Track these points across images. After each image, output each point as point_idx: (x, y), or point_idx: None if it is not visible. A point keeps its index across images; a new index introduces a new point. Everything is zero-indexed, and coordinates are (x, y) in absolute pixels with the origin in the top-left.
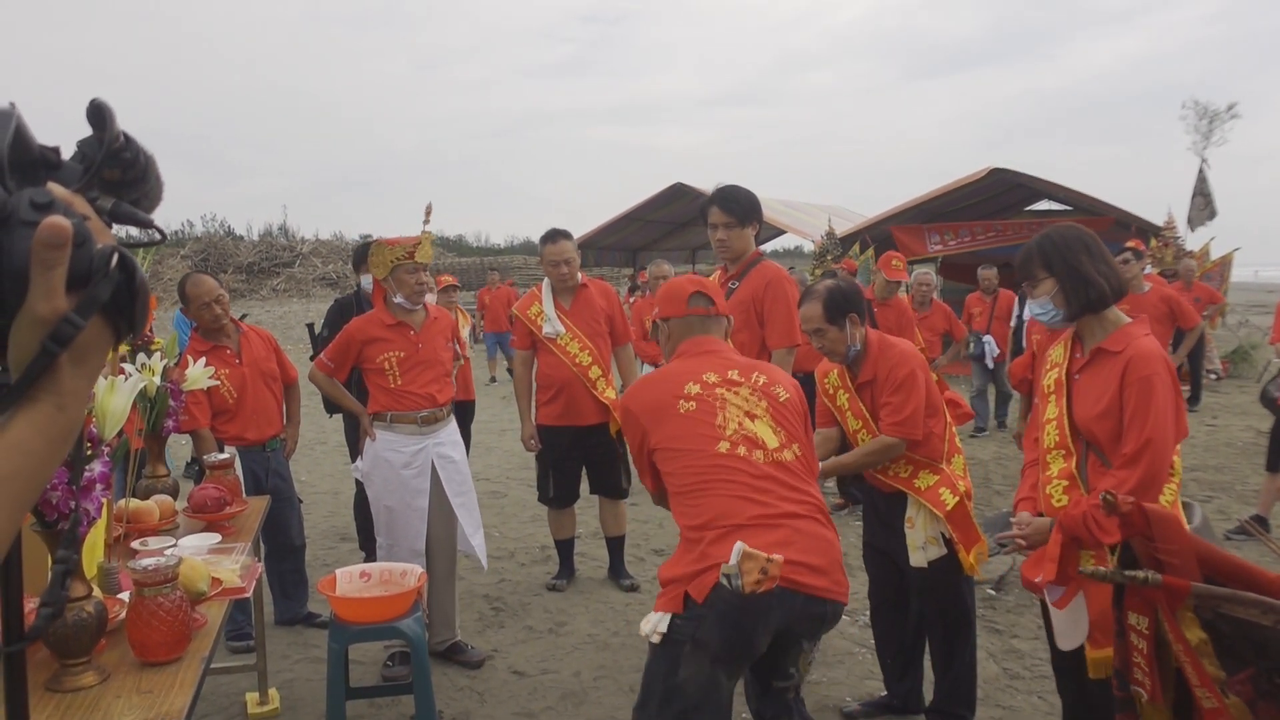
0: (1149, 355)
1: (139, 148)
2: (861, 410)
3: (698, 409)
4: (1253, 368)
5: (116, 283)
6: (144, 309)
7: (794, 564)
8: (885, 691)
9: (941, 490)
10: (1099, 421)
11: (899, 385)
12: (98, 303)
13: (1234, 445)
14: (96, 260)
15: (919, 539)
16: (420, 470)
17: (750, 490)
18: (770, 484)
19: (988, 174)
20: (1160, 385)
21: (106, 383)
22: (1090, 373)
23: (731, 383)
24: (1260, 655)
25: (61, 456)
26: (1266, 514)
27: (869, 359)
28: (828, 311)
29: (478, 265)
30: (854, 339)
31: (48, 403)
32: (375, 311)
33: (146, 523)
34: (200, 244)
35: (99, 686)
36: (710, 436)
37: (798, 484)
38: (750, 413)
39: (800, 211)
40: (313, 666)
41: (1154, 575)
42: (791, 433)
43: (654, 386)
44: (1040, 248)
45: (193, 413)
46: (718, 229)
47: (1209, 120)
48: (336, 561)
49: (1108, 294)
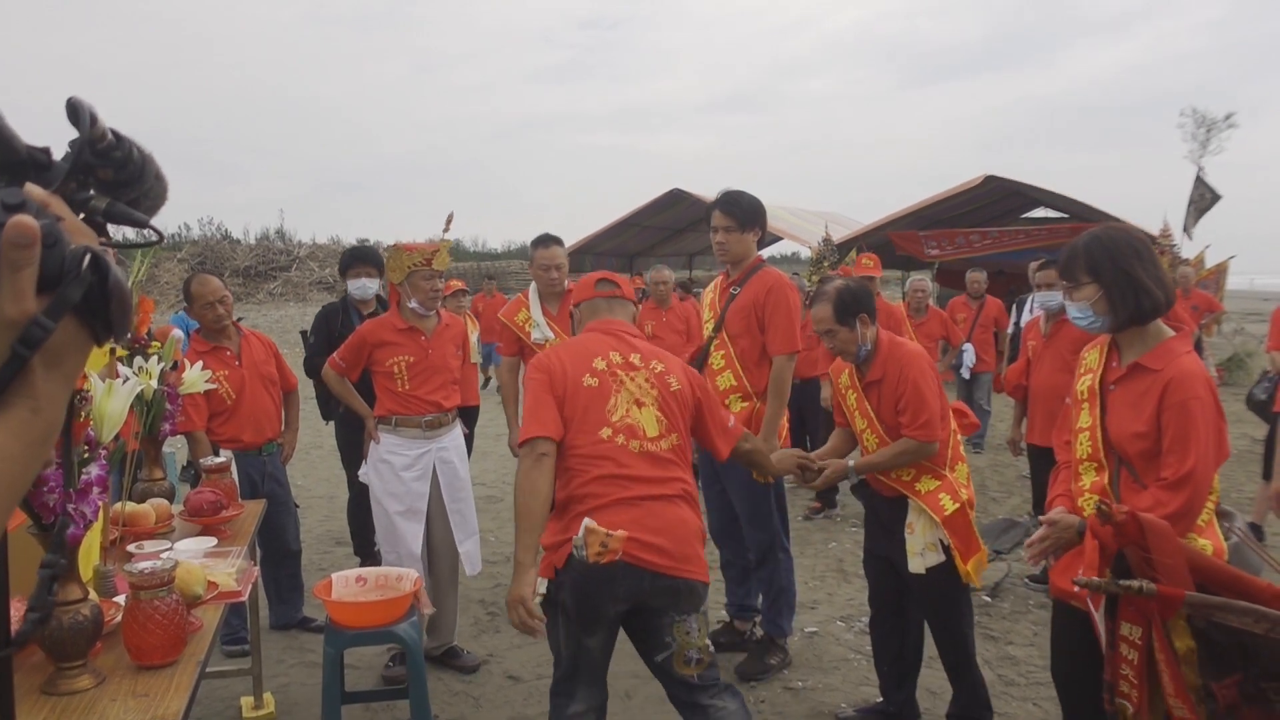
0: (1191, 376)
1: (131, 146)
2: (868, 410)
3: (598, 386)
4: (1248, 376)
5: (89, 284)
6: (121, 311)
7: (637, 541)
8: (881, 698)
9: (942, 496)
10: (1134, 441)
11: (912, 388)
12: (68, 304)
13: (1229, 453)
14: (68, 261)
15: (918, 545)
16: (422, 474)
17: (618, 474)
18: (639, 470)
19: (983, 181)
20: (1201, 409)
21: (104, 386)
22: (1127, 387)
23: (631, 366)
24: (1250, 662)
25: (41, 460)
26: (1261, 521)
27: (878, 359)
28: (838, 312)
29: (475, 270)
30: (865, 338)
31: (22, 407)
32: (388, 315)
33: (143, 526)
34: (197, 247)
35: (95, 690)
36: (598, 420)
37: (665, 470)
38: (639, 400)
39: (797, 218)
40: (308, 671)
41: (1149, 585)
42: (673, 422)
43: (570, 351)
44: (1088, 249)
45: (189, 414)
46: (718, 232)
47: (1206, 129)
48: (332, 566)
49: (1161, 305)
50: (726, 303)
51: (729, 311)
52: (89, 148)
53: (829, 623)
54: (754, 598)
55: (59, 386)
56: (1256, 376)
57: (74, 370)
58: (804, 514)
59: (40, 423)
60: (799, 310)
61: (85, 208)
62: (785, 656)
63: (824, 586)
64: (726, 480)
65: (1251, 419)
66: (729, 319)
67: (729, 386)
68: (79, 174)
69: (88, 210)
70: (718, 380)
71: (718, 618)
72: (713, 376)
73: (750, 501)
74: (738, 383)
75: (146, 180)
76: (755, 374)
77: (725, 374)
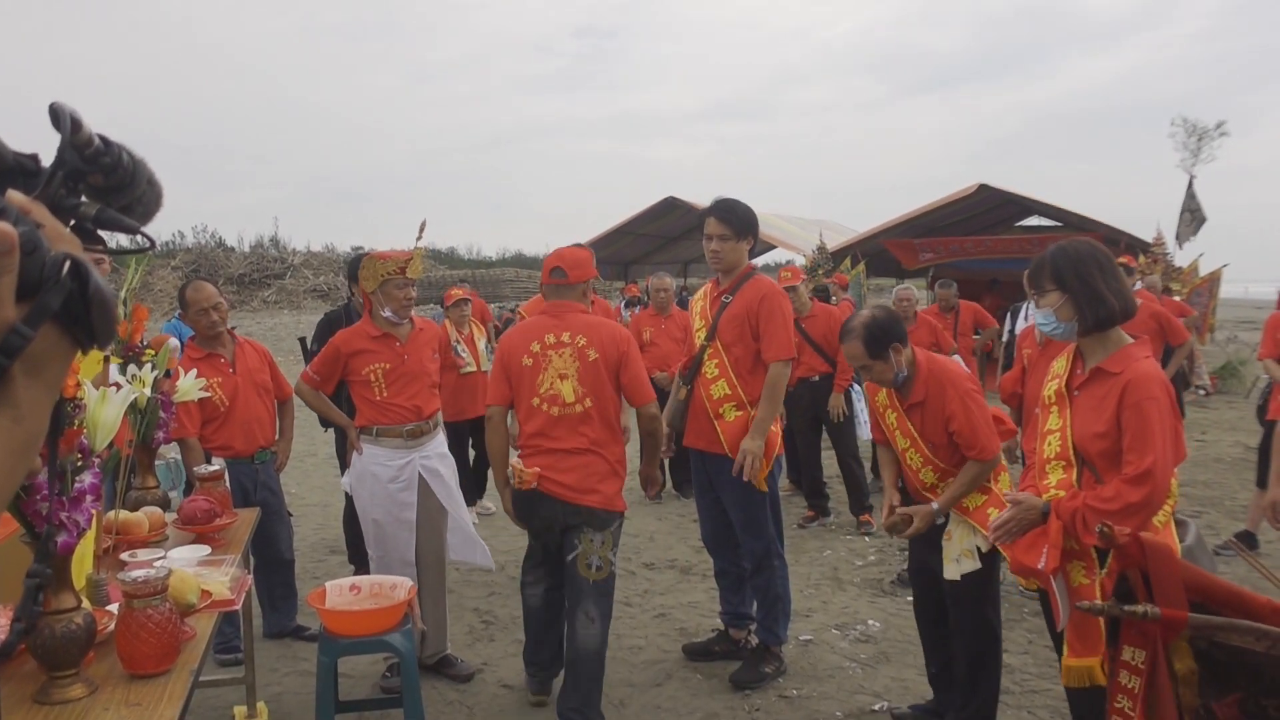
0: (1147, 378)
1: (120, 151)
2: (910, 430)
3: (532, 365)
4: (1241, 383)
5: (69, 291)
6: (103, 317)
7: (548, 478)
8: (931, 696)
9: (990, 510)
10: (1095, 441)
11: (962, 412)
12: (47, 312)
13: (1223, 461)
14: (48, 268)
15: (954, 551)
16: (407, 484)
17: (541, 431)
18: (556, 430)
19: (977, 190)
20: (1156, 410)
21: (98, 394)
22: (1089, 391)
23: (561, 344)
24: (1252, 681)
25: (24, 469)
26: (1255, 529)
27: (918, 381)
28: (869, 347)
29: (469, 278)
30: (900, 366)
31: (3, 416)
32: (361, 324)
33: (136, 534)
34: (191, 255)
35: (87, 699)
36: (530, 392)
37: (577, 428)
38: (563, 373)
39: (792, 225)
40: (301, 680)
41: (1153, 609)
42: (589, 389)
43: (519, 335)
44: (1053, 260)
45: (181, 421)
46: (712, 240)
47: (1198, 137)
48: (326, 574)
49: (1117, 313)
50: (719, 311)
51: (721, 320)
52: (76, 153)
53: (823, 630)
54: (748, 605)
55: (41, 395)
56: (1249, 385)
57: (56, 378)
58: (798, 522)
59: (21, 432)
60: (791, 316)
61: (75, 214)
62: (780, 665)
63: (818, 595)
64: (721, 490)
65: (1245, 426)
66: (722, 328)
67: (723, 395)
68: (69, 180)
69: (78, 216)
70: (712, 389)
71: (712, 626)
72: (707, 385)
73: (746, 510)
74: (732, 391)
75: (138, 186)
76: (749, 382)
77: (719, 383)
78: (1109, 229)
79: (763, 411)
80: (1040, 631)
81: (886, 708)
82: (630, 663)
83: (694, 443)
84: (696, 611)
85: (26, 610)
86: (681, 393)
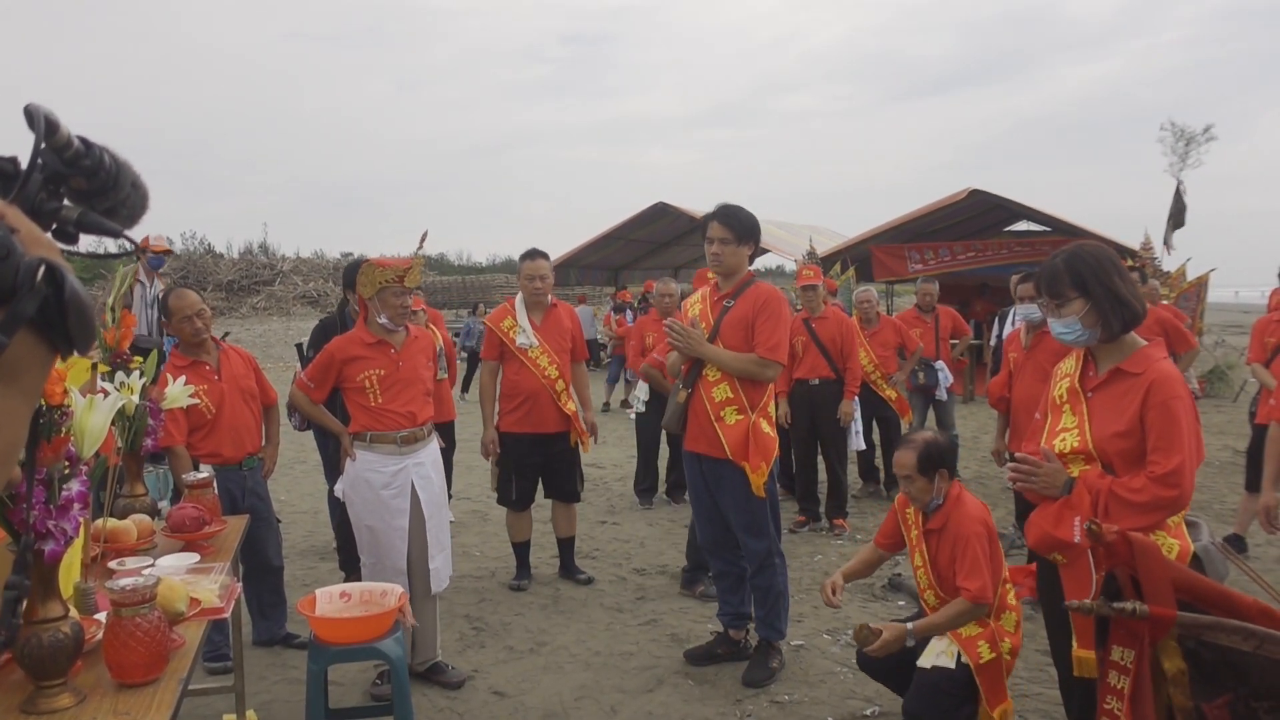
0: (1170, 378)
1: (102, 153)
2: (925, 552)
3: None
4: (1229, 387)
5: (44, 296)
6: (80, 323)
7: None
8: None
9: (980, 643)
10: (1114, 441)
11: (969, 551)
12: (22, 318)
13: (1211, 464)
14: (22, 274)
15: (939, 645)
16: (400, 490)
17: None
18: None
19: (967, 195)
20: (1183, 409)
21: (85, 401)
22: (1107, 392)
23: None
24: (1240, 681)
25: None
26: (1244, 533)
27: (943, 509)
28: (920, 462)
29: (459, 284)
30: (939, 493)
31: None
32: (356, 330)
33: (124, 542)
34: (180, 261)
35: (75, 708)
36: None
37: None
38: None
39: (782, 230)
40: (291, 688)
41: (1141, 606)
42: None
43: None
44: (1070, 266)
45: (169, 429)
46: (714, 243)
47: (1186, 142)
48: (316, 581)
49: (1139, 316)
50: (720, 315)
51: (723, 324)
52: (56, 156)
53: (815, 636)
54: (747, 606)
55: (18, 403)
56: (1237, 389)
57: (33, 385)
58: (789, 527)
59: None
60: (789, 324)
61: (56, 217)
62: (781, 658)
63: (810, 600)
64: (719, 493)
65: (1234, 430)
66: (724, 331)
67: (725, 399)
68: (50, 183)
69: (59, 220)
70: (713, 392)
71: (705, 630)
72: (709, 388)
73: (748, 513)
74: (734, 395)
75: (122, 189)
76: (751, 387)
77: (721, 386)
78: (1097, 235)
79: (723, 358)
80: (1030, 636)
81: (878, 713)
82: (622, 669)
83: (694, 446)
84: (688, 617)
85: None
86: (682, 395)
